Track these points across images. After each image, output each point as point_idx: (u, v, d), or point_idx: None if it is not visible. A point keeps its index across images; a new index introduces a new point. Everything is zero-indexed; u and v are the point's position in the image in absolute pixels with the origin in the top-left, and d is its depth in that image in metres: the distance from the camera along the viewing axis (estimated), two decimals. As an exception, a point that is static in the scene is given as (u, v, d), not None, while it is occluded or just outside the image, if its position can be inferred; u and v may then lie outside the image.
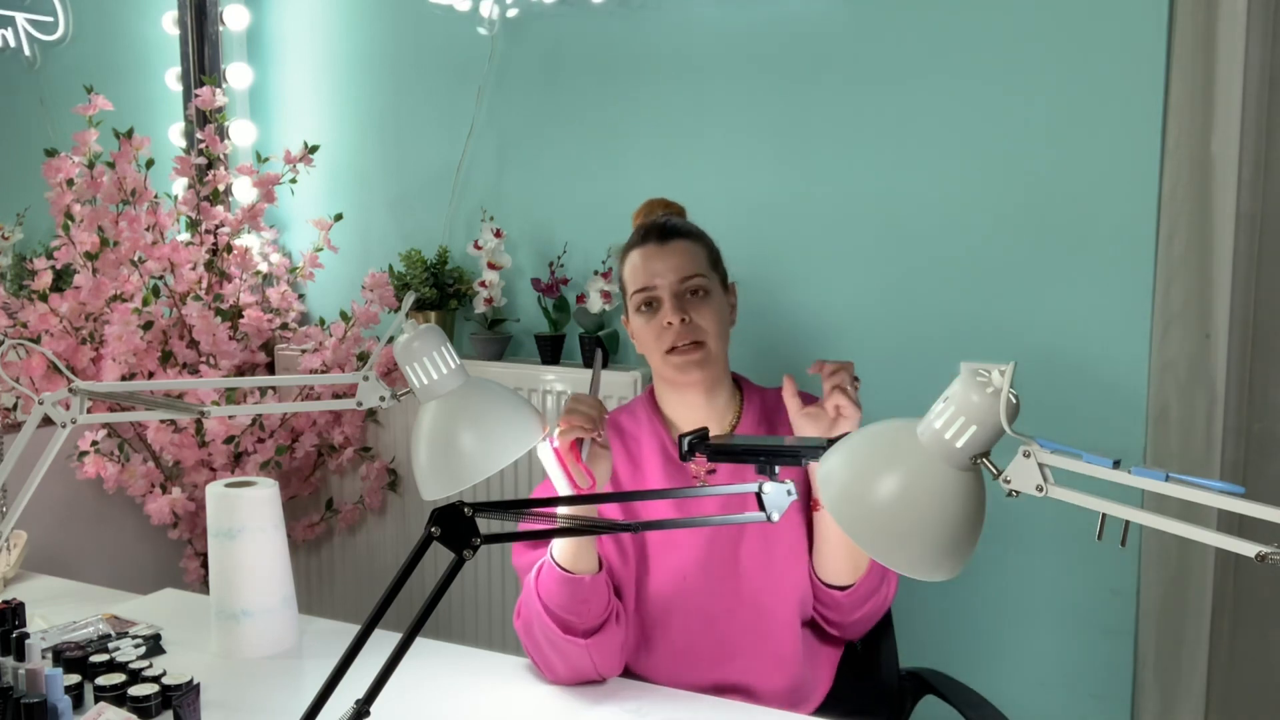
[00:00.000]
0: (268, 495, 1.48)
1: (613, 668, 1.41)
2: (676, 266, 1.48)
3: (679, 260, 1.49)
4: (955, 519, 0.90)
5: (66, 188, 2.16)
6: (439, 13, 2.40)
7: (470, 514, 0.97)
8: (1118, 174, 1.85)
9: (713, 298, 1.50)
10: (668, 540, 1.47)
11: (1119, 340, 1.88)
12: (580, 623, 1.36)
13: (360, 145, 2.57)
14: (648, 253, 1.50)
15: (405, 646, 0.95)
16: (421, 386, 1.23)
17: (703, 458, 1.16)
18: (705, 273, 1.50)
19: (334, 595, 2.61)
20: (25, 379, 2.03)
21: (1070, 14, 1.86)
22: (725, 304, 1.53)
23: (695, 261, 1.50)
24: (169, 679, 1.29)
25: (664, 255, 1.49)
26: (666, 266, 1.48)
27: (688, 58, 2.17)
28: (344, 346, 2.33)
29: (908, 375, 2.04)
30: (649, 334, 1.49)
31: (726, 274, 1.57)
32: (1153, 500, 0.86)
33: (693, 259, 1.50)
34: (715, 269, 1.54)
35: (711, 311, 1.49)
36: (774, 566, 1.47)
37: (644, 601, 1.47)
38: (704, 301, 1.49)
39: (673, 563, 1.47)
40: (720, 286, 1.54)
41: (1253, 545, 0.75)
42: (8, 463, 1.36)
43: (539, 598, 1.37)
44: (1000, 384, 0.86)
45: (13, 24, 2.39)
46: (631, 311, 1.53)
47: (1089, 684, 1.97)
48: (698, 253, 1.51)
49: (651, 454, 1.51)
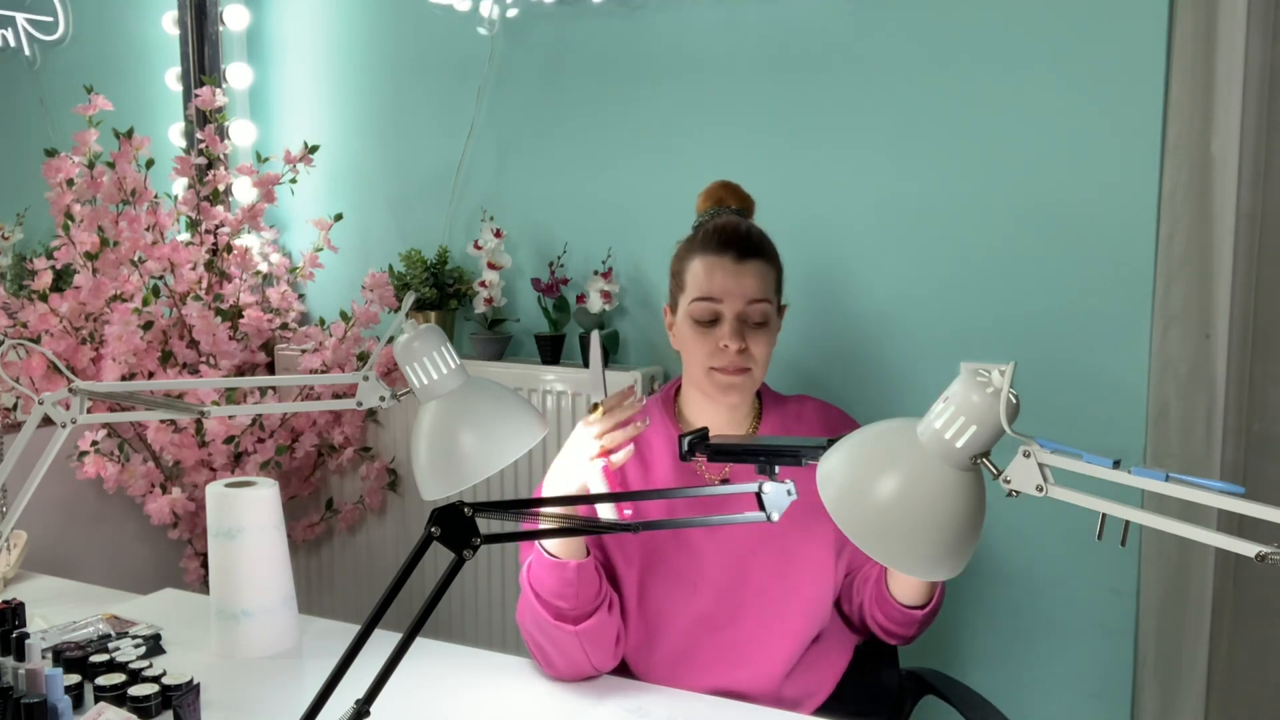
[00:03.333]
0: (268, 495, 1.48)
1: (605, 660, 1.42)
2: (747, 290, 1.43)
3: (751, 283, 1.44)
4: (955, 519, 0.90)
5: (66, 188, 2.16)
6: (439, 13, 2.40)
7: (470, 514, 0.97)
8: (1118, 174, 1.85)
9: (770, 326, 1.47)
10: (679, 543, 1.47)
11: (1119, 340, 1.88)
12: (570, 609, 1.36)
13: (360, 145, 2.57)
14: (721, 265, 1.44)
15: (405, 646, 0.95)
16: (421, 386, 1.23)
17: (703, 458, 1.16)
18: (771, 299, 1.47)
19: (334, 595, 2.61)
20: (25, 379, 2.03)
21: (1070, 14, 1.85)
22: (777, 329, 1.50)
23: (764, 286, 1.45)
24: (169, 679, 1.29)
25: (738, 274, 1.43)
26: (739, 287, 1.43)
27: (688, 58, 2.17)
28: (344, 346, 2.33)
29: (907, 375, 2.04)
30: (700, 347, 1.45)
31: (782, 295, 1.53)
32: (1153, 500, 0.86)
33: (763, 284, 1.45)
34: (777, 293, 1.50)
35: (766, 340, 1.46)
36: (788, 580, 1.47)
37: (648, 602, 1.47)
38: (762, 330, 1.45)
39: (680, 566, 1.47)
40: (777, 311, 1.50)
41: (1253, 545, 0.76)
42: (8, 463, 1.36)
43: (531, 586, 1.38)
44: (1000, 384, 0.86)
45: (13, 24, 2.39)
46: (683, 313, 1.47)
47: (1089, 684, 1.97)
48: (768, 276, 1.47)
49: (662, 456, 1.51)
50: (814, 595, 1.48)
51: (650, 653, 1.49)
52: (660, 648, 1.48)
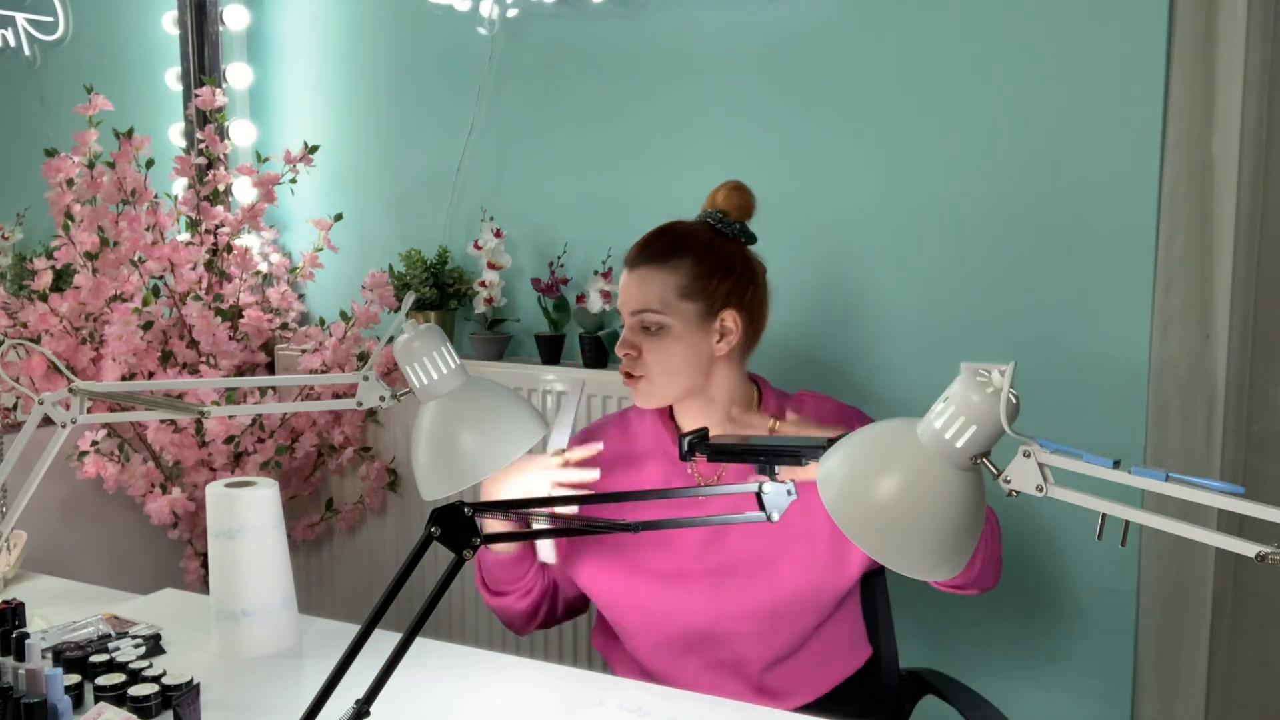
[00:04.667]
0: (268, 495, 1.48)
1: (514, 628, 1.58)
2: (633, 298, 1.45)
3: (636, 291, 1.45)
4: (955, 519, 0.90)
5: (66, 188, 2.16)
6: (439, 13, 2.40)
7: (470, 514, 0.97)
8: (1118, 174, 1.85)
9: (668, 333, 1.42)
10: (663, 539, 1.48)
11: (1119, 340, 1.88)
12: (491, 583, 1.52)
13: (360, 145, 2.57)
14: (624, 274, 1.48)
15: (405, 646, 0.95)
16: (421, 386, 1.23)
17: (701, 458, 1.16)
18: (663, 308, 1.42)
19: (334, 595, 2.61)
20: (25, 379, 2.03)
21: (1070, 14, 1.86)
22: (694, 339, 1.43)
23: (654, 294, 1.43)
24: (169, 679, 1.29)
25: (627, 283, 1.47)
26: (628, 295, 1.46)
27: (688, 58, 2.17)
28: (344, 346, 2.33)
29: (907, 374, 2.04)
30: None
31: (719, 300, 1.44)
32: (1153, 500, 0.86)
33: (653, 291, 1.43)
34: (690, 298, 1.43)
35: (660, 347, 1.43)
36: (764, 565, 1.47)
37: (633, 593, 1.48)
38: (654, 336, 1.43)
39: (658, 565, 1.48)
40: (695, 317, 1.43)
41: (1253, 545, 0.75)
42: (8, 463, 1.36)
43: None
44: (1000, 384, 0.86)
45: (13, 24, 2.39)
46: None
47: (1089, 684, 1.97)
48: (665, 283, 1.42)
49: (652, 455, 1.51)
50: (794, 584, 1.45)
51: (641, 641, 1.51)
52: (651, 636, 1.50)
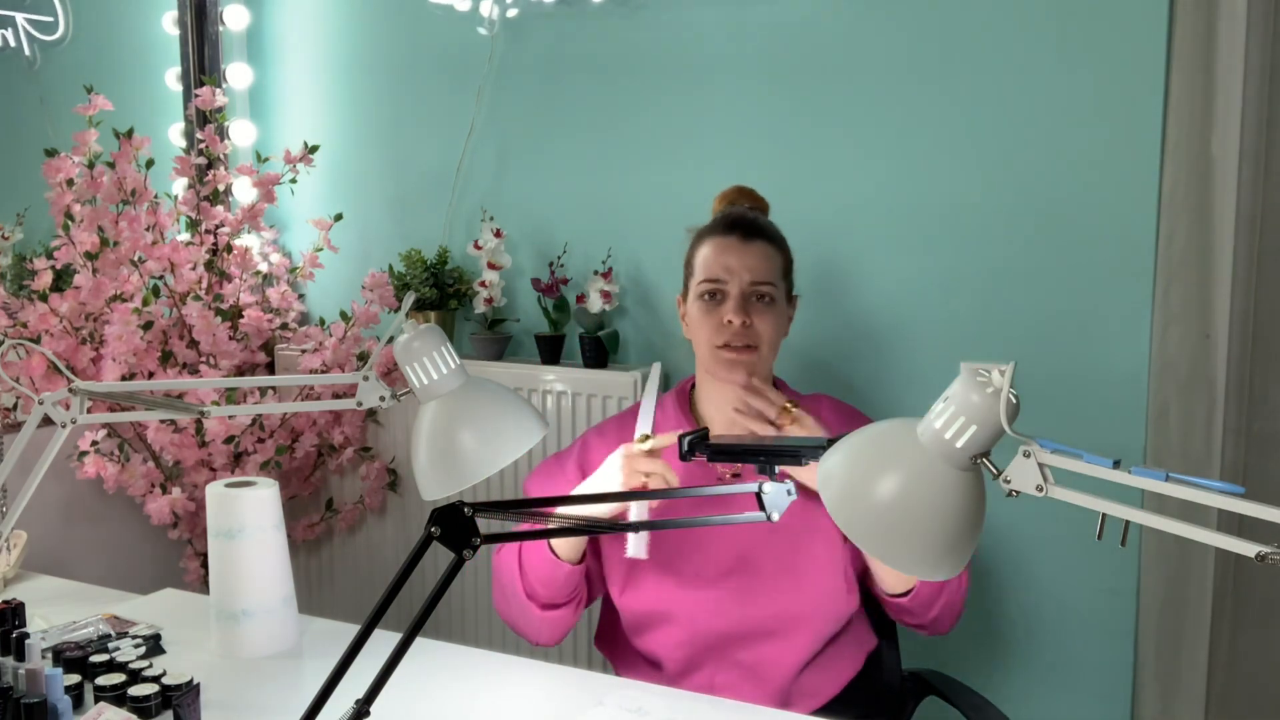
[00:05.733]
0: (268, 495, 1.48)
1: (550, 640, 1.54)
2: (751, 268, 1.48)
3: (755, 262, 1.49)
4: (955, 519, 0.90)
5: (66, 188, 2.16)
6: (439, 13, 2.40)
7: (470, 514, 0.97)
8: (1118, 174, 1.85)
9: (776, 306, 1.51)
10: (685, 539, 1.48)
11: (1119, 340, 1.88)
12: (547, 597, 1.47)
13: (360, 145, 2.57)
14: (726, 245, 1.50)
15: (405, 646, 0.95)
16: (421, 386, 1.23)
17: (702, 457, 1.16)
18: (776, 281, 1.51)
19: (334, 595, 2.61)
20: (25, 379, 2.03)
21: (1071, 14, 1.86)
22: (785, 315, 1.54)
23: (770, 267, 1.50)
24: (169, 679, 1.29)
25: (742, 253, 1.49)
26: (742, 265, 1.48)
27: (687, 58, 2.17)
28: (344, 346, 2.33)
29: (907, 374, 2.04)
30: (706, 325, 1.49)
31: (793, 285, 1.57)
32: (1153, 500, 0.86)
33: (769, 264, 1.50)
34: (785, 278, 1.55)
35: (772, 319, 1.50)
36: (796, 573, 1.47)
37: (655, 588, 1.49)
38: (768, 308, 1.49)
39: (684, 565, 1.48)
40: (785, 297, 1.54)
41: (1253, 545, 0.75)
42: (8, 463, 1.36)
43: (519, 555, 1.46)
44: (1000, 384, 0.86)
45: (13, 24, 2.39)
46: (692, 296, 1.53)
47: (1089, 684, 1.97)
48: (774, 258, 1.52)
49: (672, 453, 1.52)
50: (825, 589, 1.47)
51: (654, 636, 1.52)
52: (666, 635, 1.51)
